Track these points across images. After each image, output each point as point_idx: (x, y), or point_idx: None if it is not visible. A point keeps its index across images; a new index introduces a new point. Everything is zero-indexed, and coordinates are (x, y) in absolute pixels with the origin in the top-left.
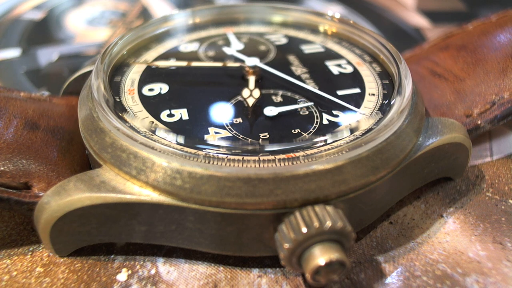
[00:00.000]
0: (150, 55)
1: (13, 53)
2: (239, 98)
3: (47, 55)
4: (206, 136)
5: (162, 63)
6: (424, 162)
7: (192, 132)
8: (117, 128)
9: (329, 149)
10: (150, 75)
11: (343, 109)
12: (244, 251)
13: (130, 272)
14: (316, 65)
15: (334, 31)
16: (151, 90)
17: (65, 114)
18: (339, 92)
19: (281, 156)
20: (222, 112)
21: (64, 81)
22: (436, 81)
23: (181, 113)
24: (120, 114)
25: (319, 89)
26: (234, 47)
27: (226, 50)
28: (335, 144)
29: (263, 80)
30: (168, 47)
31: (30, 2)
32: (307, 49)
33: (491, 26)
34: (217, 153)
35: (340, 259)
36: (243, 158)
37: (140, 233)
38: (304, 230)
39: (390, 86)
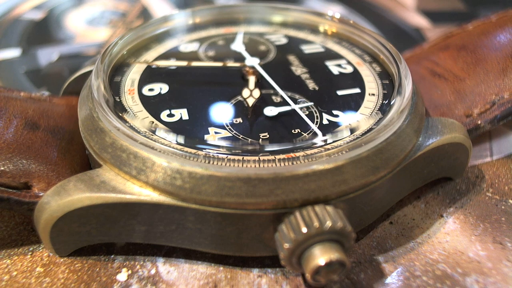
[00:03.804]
0: (150, 55)
1: (13, 53)
2: (239, 98)
3: (47, 55)
4: (206, 136)
5: (162, 63)
6: (424, 162)
7: (192, 132)
8: (117, 128)
9: (329, 149)
10: (150, 75)
11: (343, 109)
12: (244, 251)
13: (130, 272)
14: (316, 65)
15: (334, 31)
16: (151, 90)
17: (65, 114)
18: (339, 92)
19: (281, 156)
20: (222, 112)
21: (64, 81)
22: (436, 81)
23: (181, 113)
24: (120, 114)
25: (319, 89)
26: (237, 46)
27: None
28: (335, 144)
29: (263, 80)
30: (168, 47)
31: (30, 2)
32: (307, 49)
33: (491, 26)
34: (217, 153)
35: (340, 259)
36: (243, 158)
37: (140, 233)
38: (304, 230)
39: (390, 86)
